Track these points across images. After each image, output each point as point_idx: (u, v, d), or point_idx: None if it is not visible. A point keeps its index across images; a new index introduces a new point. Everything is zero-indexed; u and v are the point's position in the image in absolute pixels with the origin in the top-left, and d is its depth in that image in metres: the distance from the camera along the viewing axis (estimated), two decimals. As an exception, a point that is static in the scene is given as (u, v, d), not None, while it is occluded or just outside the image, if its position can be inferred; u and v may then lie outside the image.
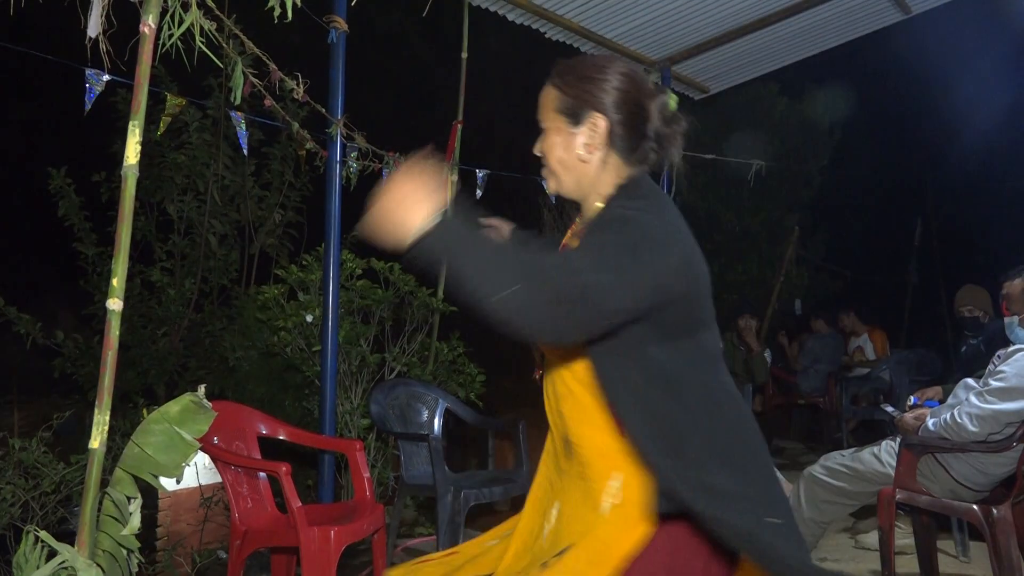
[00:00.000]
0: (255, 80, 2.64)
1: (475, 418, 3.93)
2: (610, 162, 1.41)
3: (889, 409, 3.68)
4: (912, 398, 3.49)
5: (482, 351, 4.90)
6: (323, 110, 3.37)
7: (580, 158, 1.40)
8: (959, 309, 4.32)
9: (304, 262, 4.28)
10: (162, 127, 2.91)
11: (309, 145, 3.43)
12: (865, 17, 4.87)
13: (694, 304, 1.31)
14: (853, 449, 3.27)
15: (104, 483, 1.81)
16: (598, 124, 1.39)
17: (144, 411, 1.90)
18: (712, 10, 4.61)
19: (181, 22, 1.95)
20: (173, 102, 2.84)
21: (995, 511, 2.78)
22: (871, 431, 6.42)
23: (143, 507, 1.82)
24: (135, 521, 1.77)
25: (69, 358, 4.78)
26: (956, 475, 2.96)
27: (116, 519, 1.79)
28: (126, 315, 4.28)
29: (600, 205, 1.40)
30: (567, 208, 5.91)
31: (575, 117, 1.39)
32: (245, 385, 4.69)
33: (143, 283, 5.02)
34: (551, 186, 1.46)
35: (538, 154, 1.46)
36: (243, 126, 2.95)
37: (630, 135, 1.39)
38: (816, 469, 3.21)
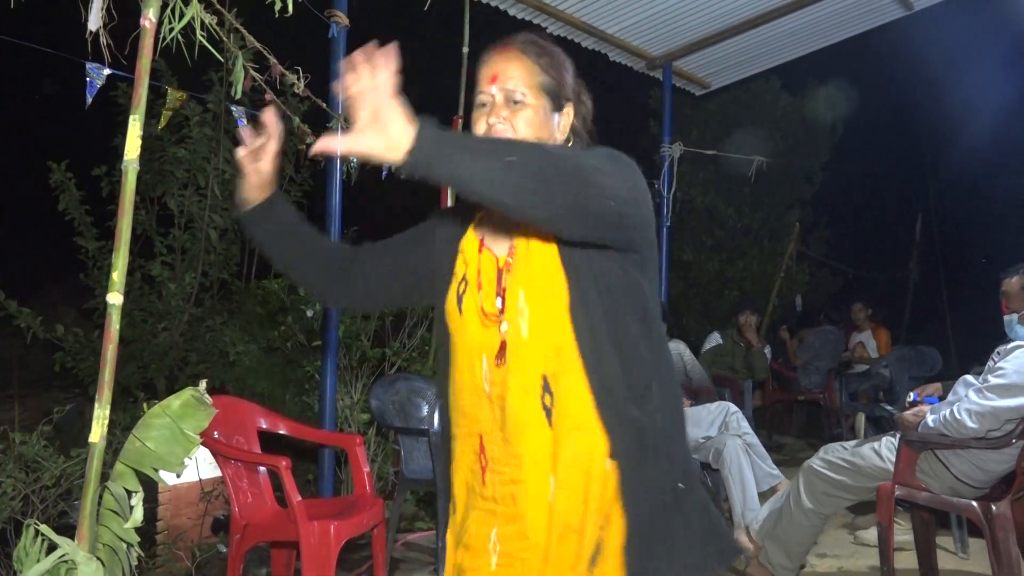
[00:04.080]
0: (256, 74, 2.63)
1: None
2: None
3: (888, 408, 3.68)
4: (912, 394, 3.49)
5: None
6: (324, 105, 3.37)
7: (552, 140, 1.40)
8: None
9: (305, 257, 4.27)
10: (163, 121, 2.91)
11: (310, 140, 3.43)
12: (867, 13, 4.86)
13: (654, 254, 1.37)
14: (853, 443, 3.27)
15: (104, 477, 1.81)
16: (569, 115, 1.42)
17: (144, 405, 1.90)
18: (713, 5, 4.60)
19: (182, 16, 1.95)
20: (174, 96, 2.83)
21: (994, 508, 2.78)
22: (871, 428, 6.41)
23: (143, 501, 1.82)
24: (138, 515, 1.77)
25: (69, 352, 4.77)
26: (956, 472, 2.96)
27: (116, 513, 1.80)
28: (126, 309, 4.27)
29: None
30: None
31: (556, 102, 1.39)
32: (245, 380, 4.69)
33: (143, 277, 5.00)
34: None
35: (498, 120, 1.34)
36: (244, 120, 2.94)
37: (579, 129, 1.45)
38: (816, 462, 3.21)
